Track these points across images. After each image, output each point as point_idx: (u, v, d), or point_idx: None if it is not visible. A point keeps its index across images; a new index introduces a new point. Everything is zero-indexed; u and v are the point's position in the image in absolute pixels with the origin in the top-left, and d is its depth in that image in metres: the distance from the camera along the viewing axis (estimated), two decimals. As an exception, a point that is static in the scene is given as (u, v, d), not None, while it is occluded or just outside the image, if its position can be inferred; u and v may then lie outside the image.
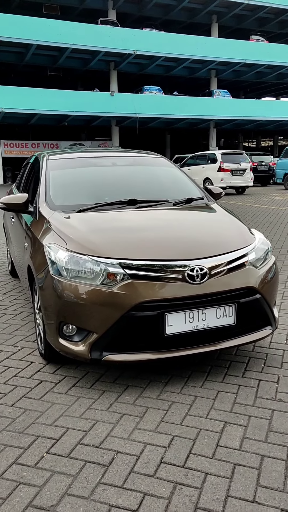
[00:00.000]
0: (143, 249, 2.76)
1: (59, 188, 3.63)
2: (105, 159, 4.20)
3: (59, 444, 2.24)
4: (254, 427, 2.36)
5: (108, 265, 2.65)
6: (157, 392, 2.72)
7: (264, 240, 3.18)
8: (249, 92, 43.68)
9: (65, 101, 26.80)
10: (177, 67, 31.87)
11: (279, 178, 20.61)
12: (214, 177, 16.38)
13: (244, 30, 34.54)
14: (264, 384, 2.79)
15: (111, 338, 2.62)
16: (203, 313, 2.67)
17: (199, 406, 2.56)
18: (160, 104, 29.46)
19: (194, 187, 3.97)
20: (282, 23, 34.62)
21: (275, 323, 3.02)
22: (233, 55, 31.12)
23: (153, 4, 30.26)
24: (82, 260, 2.71)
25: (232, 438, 2.26)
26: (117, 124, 31.44)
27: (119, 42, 27.83)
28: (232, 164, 16.44)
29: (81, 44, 26.86)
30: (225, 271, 2.76)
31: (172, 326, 2.61)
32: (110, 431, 2.33)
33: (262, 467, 2.06)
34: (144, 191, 3.77)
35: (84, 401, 2.63)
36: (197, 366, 3.02)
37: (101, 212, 3.27)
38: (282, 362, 3.09)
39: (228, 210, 3.60)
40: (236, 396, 2.66)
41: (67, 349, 2.72)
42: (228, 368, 3.01)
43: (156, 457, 2.13)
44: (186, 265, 2.67)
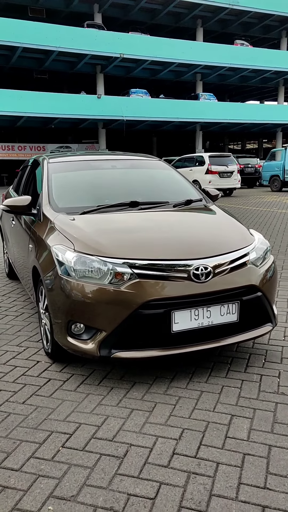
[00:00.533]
0: (149, 249, 2.85)
1: (61, 191, 3.69)
2: (105, 162, 4.28)
3: (73, 438, 2.31)
4: (259, 419, 2.46)
5: (115, 265, 2.73)
6: (163, 388, 2.80)
7: (263, 240, 3.29)
8: (234, 95, 44.17)
9: (51, 104, 26.76)
10: (163, 70, 32.10)
11: (265, 180, 20.95)
12: (202, 179, 16.55)
13: (228, 35, 34.96)
14: (266, 379, 2.90)
15: (120, 335, 2.70)
16: (207, 311, 2.77)
17: (206, 400, 2.65)
18: (147, 107, 29.62)
19: (192, 189, 4.07)
20: (265, 28, 35.15)
21: (275, 320, 3.13)
22: (218, 59, 31.47)
23: (139, 9, 30.43)
24: (89, 260, 2.78)
25: (240, 430, 2.36)
26: (104, 127, 31.49)
27: (106, 46, 27.91)
28: (219, 166, 16.65)
29: (68, 47, 26.87)
30: (228, 270, 2.86)
31: (178, 324, 2.70)
32: (122, 425, 2.41)
33: (270, 456, 2.15)
34: (144, 193, 3.86)
35: (94, 398, 2.70)
36: (200, 363, 3.11)
37: (104, 214, 3.35)
38: (282, 357, 3.20)
39: (227, 211, 3.71)
40: (240, 391, 2.76)
41: (76, 347, 2.79)
42: (230, 364, 3.11)
43: (168, 449, 2.21)
44: (191, 264, 2.76)
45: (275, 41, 36.74)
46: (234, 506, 1.84)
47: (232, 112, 32.77)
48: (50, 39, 26.37)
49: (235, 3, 30.60)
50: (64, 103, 27.24)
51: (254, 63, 32.45)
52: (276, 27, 34.94)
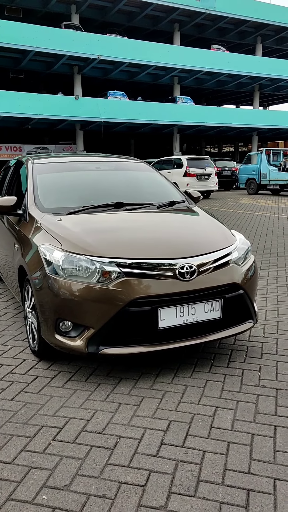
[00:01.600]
0: (135, 248, 2.93)
1: (46, 191, 3.74)
2: (89, 163, 4.35)
3: (64, 432, 2.37)
4: (242, 410, 2.58)
5: (103, 263, 2.81)
6: (149, 383, 2.89)
7: (244, 240, 3.42)
8: (211, 99, 44.72)
9: (28, 104, 26.52)
10: (141, 73, 32.25)
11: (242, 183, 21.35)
12: (180, 181, 16.74)
13: (205, 39, 35.41)
14: (247, 373, 3.02)
15: (107, 332, 2.77)
16: (192, 308, 2.87)
17: (191, 394, 2.75)
18: (125, 109, 29.69)
19: (175, 191, 4.19)
20: (241, 33, 35.77)
21: (256, 316, 3.26)
22: (195, 63, 31.82)
23: (116, 11, 30.52)
24: (77, 259, 2.85)
25: (224, 420, 2.47)
26: (82, 128, 31.38)
27: (83, 47, 27.87)
28: (197, 169, 16.89)
29: (45, 47, 26.72)
30: (211, 268, 2.97)
31: (164, 320, 2.80)
32: (111, 419, 2.48)
33: (253, 443, 2.27)
34: (128, 194, 3.94)
35: (82, 393, 2.76)
36: (184, 359, 3.22)
37: (90, 214, 3.42)
38: (262, 353, 3.34)
39: (209, 213, 3.84)
40: (224, 384, 2.87)
41: (64, 344, 2.85)
42: (213, 360, 3.22)
43: (156, 440, 2.30)
44: (176, 263, 2.86)
45: (250, 46, 37.43)
46: (220, 490, 1.95)
47: (208, 116, 33.17)
48: (27, 39, 26.16)
49: (211, 8, 31.06)
50: (41, 104, 27.04)
51: (230, 68, 32.95)
52: (252, 33, 35.62)
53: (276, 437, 2.32)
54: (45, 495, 1.93)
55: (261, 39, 36.42)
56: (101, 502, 1.88)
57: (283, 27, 34.72)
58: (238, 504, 1.87)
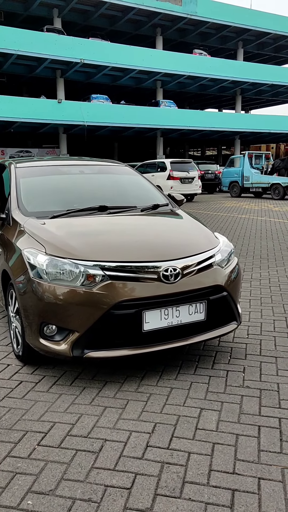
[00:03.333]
0: (119, 251, 2.94)
1: (30, 195, 3.73)
2: (72, 167, 4.34)
3: (48, 436, 2.36)
4: (227, 411, 2.60)
5: (87, 267, 2.80)
6: (134, 386, 2.89)
7: (227, 242, 3.46)
8: (194, 103, 45.06)
9: (10, 107, 26.34)
10: (123, 77, 32.33)
11: (225, 186, 21.54)
12: (164, 184, 16.81)
13: (187, 44, 35.71)
14: (232, 374, 3.05)
15: (92, 336, 2.77)
16: (177, 310, 2.89)
17: (176, 396, 2.77)
18: (108, 113, 29.72)
19: (159, 194, 4.21)
20: (222, 38, 36.16)
21: (240, 318, 3.29)
22: (177, 67, 32.02)
23: (98, 14, 30.57)
24: (61, 263, 2.84)
25: (209, 422, 2.49)
26: (65, 132, 31.30)
27: (66, 50, 27.82)
28: (181, 172, 16.98)
29: (27, 50, 26.59)
30: (195, 271, 3.00)
31: (149, 323, 2.81)
32: (96, 422, 2.48)
33: (238, 444, 2.29)
34: (112, 198, 3.95)
35: (67, 398, 2.75)
36: (169, 361, 3.23)
37: (74, 218, 3.42)
38: (246, 354, 3.37)
39: (192, 216, 3.87)
40: (208, 386, 2.89)
41: (48, 348, 2.84)
42: (198, 362, 3.24)
43: (142, 442, 2.30)
44: (160, 266, 2.88)
45: (232, 51, 37.88)
46: (206, 491, 1.96)
47: (191, 119, 33.41)
48: (9, 42, 26.00)
49: (193, 13, 31.35)
50: (23, 107, 26.88)
51: (212, 72, 33.27)
52: (233, 38, 36.03)
53: (260, 437, 2.35)
54: (30, 500, 1.92)
55: (242, 44, 36.87)
56: (87, 506, 1.88)
57: (264, 32, 35.21)
58: (223, 504, 1.88)
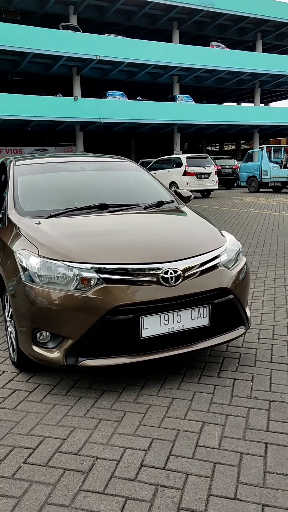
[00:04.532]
0: (116, 253, 2.75)
1: (28, 194, 3.57)
2: (74, 164, 4.17)
3: (36, 453, 2.19)
4: (231, 425, 2.39)
5: (81, 270, 2.63)
6: (133, 396, 2.71)
7: (235, 241, 3.23)
8: (211, 97, 44.46)
9: (27, 106, 26.40)
10: (140, 72, 32.07)
11: (243, 181, 21.11)
12: (180, 181, 16.55)
13: (204, 37, 35.16)
14: (239, 383, 2.83)
15: (87, 343, 2.60)
16: (178, 315, 2.69)
17: (177, 407, 2.57)
18: (124, 109, 29.52)
19: (164, 190, 4.00)
20: (241, 30, 35.48)
21: (248, 322, 3.07)
22: (194, 61, 31.59)
23: (114, 10, 30.35)
24: (54, 265, 2.67)
25: (211, 438, 2.28)
26: (81, 129, 31.24)
27: (82, 47, 27.73)
28: (197, 168, 16.68)
29: (43, 49, 26.59)
30: (198, 272, 2.79)
31: (147, 329, 2.61)
32: (88, 437, 2.30)
33: (241, 464, 2.08)
34: (114, 195, 3.77)
35: (60, 409, 2.59)
36: (172, 368, 3.03)
37: (72, 217, 3.25)
38: (255, 360, 3.14)
39: (198, 213, 3.65)
40: (213, 396, 2.69)
41: (42, 356, 2.68)
42: (203, 369, 3.03)
43: (136, 461, 2.11)
44: (160, 267, 2.68)
45: (251, 43, 37.14)
46: (202, 521, 1.76)
47: (209, 114, 32.93)
48: (25, 41, 26.06)
49: (210, 5, 30.81)
50: (40, 106, 26.92)
51: (230, 65, 32.70)
52: (251, 30, 35.32)
53: (266, 456, 2.13)
54: (9, 527, 1.75)
55: (261, 35, 36.12)
56: (69, 536, 1.71)
57: (283, 23, 34.37)
58: (221, 536, 1.69)
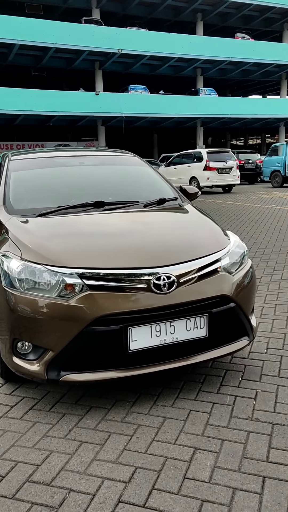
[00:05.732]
0: (104, 256, 2.50)
1: (20, 191, 3.36)
2: (72, 158, 3.93)
3: (5, 482, 1.97)
4: (226, 453, 2.11)
5: (64, 275, 2.39)
6: (122, 413, 2.46)
7: (239, 243, 2.94)
8: (236, 90, 43.55)
9: (49, 101, 26.39)
10: (162, 66, 31.62)
11: (266, 176, 20.49)
12: (200, 175, 16.17)
13: (229, 28, 34.37)
14: (240, 401, 2.55)
15: (70, 356, 2.36)
16: (171, 326, 2.42)
17: (168, 429, 2.31)
18: (146, 103, 29.17)
19: (168, 187, 3.72)
20: (267, 20, 34.53)
21: (253, 333, 2.78)
22: (218, 53, 30.93)
23: (137, 3, 29.97)
24: (36, 270, 2.44)
25: (202, 468, 2.01)
26: (103, 124, 31.08)
27: (104, 41, 27.50)
28: (218, 162, 16.24)
29: (65, 43, 26.49)
30: (195, 278, 2.51)
31: (136, 341, 2.36)
32: (65, 464, 2.07)
33: (233, 503, 1.81)
34: (113, 192, 3.52)
35: (40, 428, 2.36)
36: (168, 382, 2.77)
37: (63, 216, 3.01)
38: (261, 374, 2.85)
39: (202, 212, 3.36)
40: (210, 416, 2.41)
41: (22, 368, 2.45)
42: (202, 383, 2.76)
43: (113, 496, 1.87)
44: (151, 273, 2.42)
45: (277, 34, 36.11)
46: None
47: (233, 107, 32.22)
48: (47, 36, 26.02)
49: (234, -4, 30.08)
50: (61, 101, 26.87)
51: (255, 56, 31.86)
52: (278, 20, 34.31)
53: (263, 494, 1.85)
54: None
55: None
56: None
57: (310, 12, 33.32)
58: None
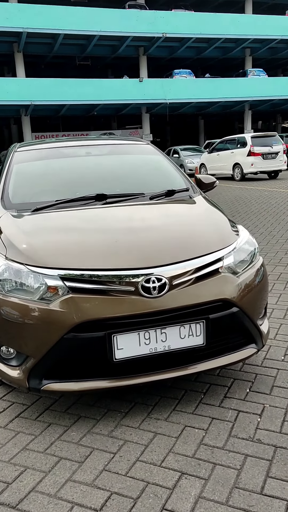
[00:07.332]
0: (89, 256, 2.29)
1: (21, 184, 3.21)
2: (80, 148, 3.73)
3: (-29, 500, 1.84)
4: (216, 481, 1.86)
5: (46, 276, 2.21)
6: (111, 426, 2.27)
7: (249, 239, 2.62)
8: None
9: (93, 90, 26.35)
10: (208, 48, 30.64)
11: None
12: (244, 162, 15.52)
13: (280, 5, 32.72)
14: (243, 418, 2.27)
15: (51, 364, 2.19)
16: (162, 333, 2.18)
17: (156, 448, 2.09)
18: (191, 88, 28.44)
19: (180, 177, 3.44)
20: None
21: (262, 339, 2.48)
22: (268, 32, 29.58)
23: (182, -16, 29.23)
24: (18, 270, 2.27)
25: (184, 499, 1.78)
26: (147, 111, 30.67)
27: (147, 26, 27.00)
28: (263, 147, 15.47)
29: (108, 30, 26.28)
30: (191, 280, 2.25)
31: (122, 350, 2.14)
32: (37, 484, 1.90)
33: None
34: (120, 183, 3.29)
35: (22, 439, 2.21)
36: (168, 391, 2.54)
37: (59, 211, 2.82)
38: (272, 386, 2.55)
39: (212, 203, 3.07)
40: (205, 434, 2.16)
41: (5, 375, 2.31)
42: (204, 394, 2.50)
43: (79, 525, 1.68)
44: (140, 274, 2.18)
45: None
46: None
47: (284, 88, 30.72)
48: (91, 24, 25.91)
49: None
50: (105, 89, 26.75)
51: (308, 33, 30.18)
52: None
53: (249, 536, 1.60)
54: None
55: None
56: None
57: None
58: None
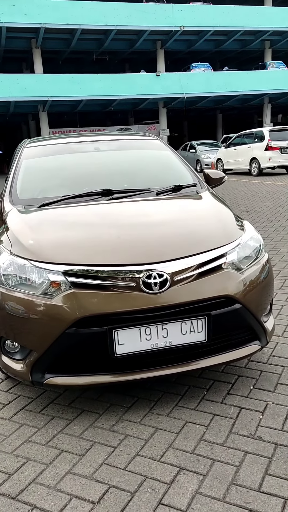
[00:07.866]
0: (91, 251, 2.31)
1: (29, 179, 3.24)
2: (88, 144, 3.74)
3: (-28, 490, 1.88)
4: (214, 477, 1.87)
5: (48, 271, 2.23)
6: (113, 420, 2.29)
7: (255, 235, 2.60)
8: (308, 62, 40.82)
9: (109, 85, 26.38)
10: (227, 40, 30.31)
11: None
12: (261, 156, 15.32)
13: (300, -4, 32.17)
14: (245, 415, 2.27)
15: (54, 358, 2.22)
16: (163, 329, 2.18)
17: (156, 442, 2.10)
18: (209, 82, 28.21)
19: (188, 172, 3.42)
20: None
21: (267, 336, 2.46)
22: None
23: (201, -24, 28.93)
24: (22, 265, 2.30)
25: (181, 494, 1.79)
26: (165, 106, 30.55)
27: (165, 19, 26.86)
28: (281, 141, 15.23)
29: (125, 24, 26.22)
30: (194, 276, 2.24)
31: (123, 345, 2.15)
32: (38, 476, 1.94)
33: None
34: (125, 179, 3.30)
35: (25, 431, 2.25)
36: (171, 387, 2.54)
37: (64, 207, 2.84)
38: (277, 383, 2.53)
39: (219, 199, 3.04)
40: (206, 430, 2.16)
41: (10, 368, 2.35)
42: (208, 390, 2.50)
43: (76, 518, 1.71)
44: (141, 270, 2.19)
45: None
46: None
47: (304, 80, 30.26)
48: (108, 18, 25.93)
49: None
50: (122, 84, 26.75)
51: None
52: None
53: (244, 533, 1.60)
54: None
55: None
56: None
57: None
58: None
